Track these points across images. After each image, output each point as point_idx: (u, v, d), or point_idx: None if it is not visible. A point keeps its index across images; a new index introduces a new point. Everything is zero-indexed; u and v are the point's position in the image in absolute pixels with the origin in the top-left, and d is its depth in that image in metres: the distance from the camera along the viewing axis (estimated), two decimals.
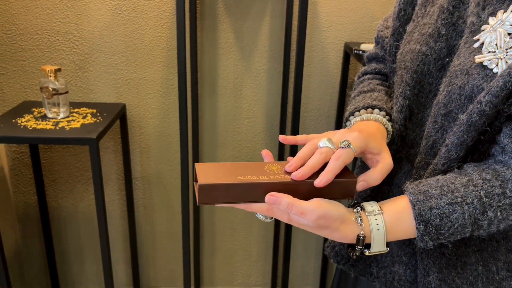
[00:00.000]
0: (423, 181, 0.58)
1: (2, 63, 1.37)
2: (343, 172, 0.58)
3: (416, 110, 0.69)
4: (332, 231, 0.56)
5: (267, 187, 0.55)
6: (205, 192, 0.55)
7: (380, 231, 0.56)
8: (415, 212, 0.55)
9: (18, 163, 1.48)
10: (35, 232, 1.57)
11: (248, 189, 0.55)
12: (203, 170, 0.58)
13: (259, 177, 0.56)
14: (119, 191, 1.54)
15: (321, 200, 0.56)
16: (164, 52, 1.39)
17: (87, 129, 1.17)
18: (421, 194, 0.56)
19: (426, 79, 0.67)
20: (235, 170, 0.57)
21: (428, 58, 0.66)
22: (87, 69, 1.40)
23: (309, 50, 1.42)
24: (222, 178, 0.56)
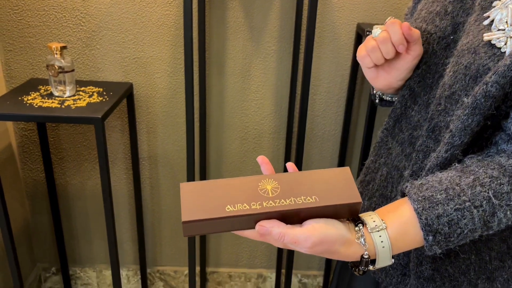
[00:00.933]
0: (424, 183, 0.54)
1: (9, 40, 1.36)
2: (347, 192, 0.53)
3: (422, 92, 0.66)
4: (332, 254, 0.52)
5: (258, 217, 0.51)
6: (190, 227, 0.50)
7: (385, 248, 0.52)
8: (422, 223, 0.51)
9: (26, 140, 1.49)
10: (44, 208, 1.59)
11: (237, 221, 0.51)
12: (188, 196, 0.52)
13: (250, 204, 0.51)
14: (126, 170, 1.54)
15: (315, 223, 0.51)
16: (172, 30, 1.37)
17: (93, 108, 1.16)
18: (426, 201, 0.51)
19: (431, 59, 0.64)
20: (223, 194, 0.52)
21: (432, 37, 0.64)
22: (94, 47, 1.38)
23: (320, 31, 1.39)
24: (209, 209, 0.50)
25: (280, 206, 0.51)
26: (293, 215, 0.51)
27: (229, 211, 0.50)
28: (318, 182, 0.53)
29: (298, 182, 0.53)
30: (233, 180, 0.53)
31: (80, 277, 1.70)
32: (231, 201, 0.51)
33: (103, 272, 1.69)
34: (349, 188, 0.53)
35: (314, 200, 0.51)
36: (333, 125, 1.51)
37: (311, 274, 1.74)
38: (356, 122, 1.51)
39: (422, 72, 0.65)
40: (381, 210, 0.55)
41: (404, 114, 0.68)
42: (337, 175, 0.54)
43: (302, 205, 0.51)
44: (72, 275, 1.69)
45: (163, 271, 1.71)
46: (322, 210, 0.51)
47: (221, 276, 1.73)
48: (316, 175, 0.54)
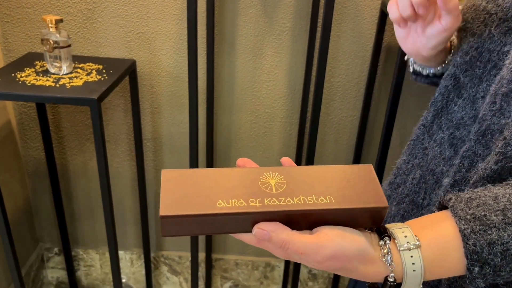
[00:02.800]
0: (475, 197, 0.43)
1: (6, 10, 1.27)
2: (370, 193, 0.42)
3: (469, 84, 0.55)
4: (348, 272, 0.42)
5: (257, 218, 0.40)
6: (170, 224, 0.40)
7: (416, 272, 0.41)
8: (469, 249, 0.40)
9: (26, 117, 1.42)
10: (45, 188, 1.53)
11: (232, 220, 0.40)
12: (171, 186, 0.41)
13: (248, 201, 0.40)
14: (130, 151, 1.47)
15: (330, 231, 0.41)
16: (179, 3, 1.26)
17: (89, 88, 1.07)
18: (476, 222, 0.40)
19: (486, 45, 0.53)
20: (215, 185, 0.41)
21: (491, 18, 0.52)
22: (95, 20, 1.28)
23: (341, 7, 1.26)
24: (195, 204, 0.40)
25: (285, 205, 0.40)
26: (300, 219, 0.41)
27: (221, 207, 0.40)
28: (334, 180, 0.43)
29: (309, 178, 0.43)
30: (228, 170, 0.43)
31: (83, 258, 1.65)
32: (224, 195, 0.41)
33: (106, 254, 1.64)
34: (372, 190, 0.43)
35: (329, 201, 0.41)
36: (351, 111, 1.40)
37: None
38: (377, 108, 1.39)
39: (471, 59, 0.55)
40: (413, 223, 0.44)
41: (445, 108, 0.58)
42: (357, 173, 0.44)
43: (313, 205, 0.41)
44: (75, 256, 1.65)
45: (168, 255, 1.65)
46: (338, 214, 0.41)
47: (227, 263, 1.66)
48: (331, 171, 0.45)
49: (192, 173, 0.43)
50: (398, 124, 1.38)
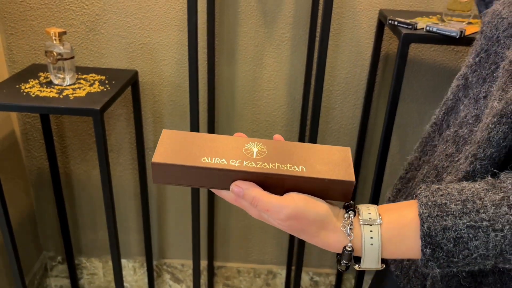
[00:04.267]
0: (443, 187, 0.46)
1: (11, 23, 1.30)
2: (341, 169, 0.47)
3: (475, 84, 0.57)
4: (309, 236, 0.46)
5: (235, 176, 0.46)
6: (158, 170, 0.46)
7: (374, 246, 0.45)
8: (423, 231, 0.43)
9: (29, 127, 1.44)
10: (49, 197, 1.55)
11: (211, 175, 0.46)
12: (167, 140, 0.48)
13: (229, 161, 0.46)
14: (132, 160, 1.49)
15: (296, 195, 0.45)
16: (179, 15, 1.28)
17: (92, 99, 1.09)
18: (435, 208, 0.43)
19: (493, 47, 0.55)
20: (204, 146, 0.48)
21: (502, 22, 0.54)
22: (98, 31, 1.30)
23: (339, 17, 1.28)
24: (183, 156, 0.46)
25: (260, 168, 0.45)
26: (274, 183, 0.46)
27: (203, 162, 0.46)
28: (311, 154, 0.49)
29: (288, 150, 0.49)
30: (219, 136, 0.50)
31: (86, 266, 1.67)
32: (210, 153, 0.47)
33: (109, 262, 1.65)
34: (344, 166, 0.47)
35: (301, 170, 0.46)
36: (351, 119, 1.41)
37: (323, 272, 1.66)
38: (376, 116, 1.41)
39: (480, 60, 0.57)
40: (383, 206, 0.48)
41: (454, 107, 0.61)
42: (334, 152, 0.50)
43: (286, 171, 0.45)
44: (78, 265, 1.66)
45: (170, 263, 1.66)
46: (308, 183, 0.46)
47: (229, 271, 1.67)
48: (311, 147, 0.50)
49: (188, 134, 0.49)
50: (397, 132, 1.40)
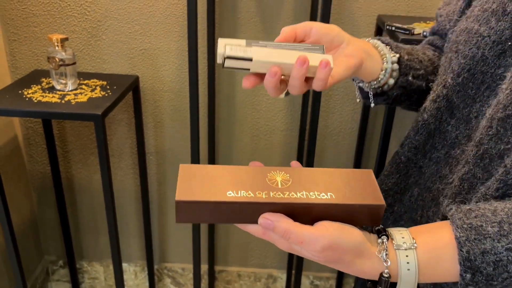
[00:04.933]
0: (474, 208, 0.45)
1: (13, 29, 1.31)
2: (369, 193, 0.46)
3: (462, 104, 0.56)
4: (345, 265, 0.44)
5: (263, 208, 0.44)
6: (183, 209, 0.44)
7: (411, 272, 0.43)
8: (462, 256, 0.42)
9: (32, 132, 1.45)
10: (51, 202, 1.56)
11: (238, 209, 0.44)
12: (187, 176, 0.46)
13: (255, 193, 0.44)
14: (133, 165, 1.50)
15: (329, 224, 0.44)
16: (180, 21, 1.30)
17: (94, 104, 1.10)
18: (472, 231, 0.42)
19: (478, 67, 0.54)
20: (226, 178, 0.46)
21: (485, 41, 0.53)
22: (100, 37, 1.32)
23: (338, 23, 1.29)
24: (208, 192, 0.44)
25: (288, 198, 0.44)
26: (303, 212, 0.44)
27: (230, 197, 0.44)
28: (335, 180, 0.47)
29: (312, 177, 0.48)
30: (239, 167, 0.48)
31: (88, 271, 1.67)
32: (234, 187, 0.45)
33: (110, 266, 1.66)
34: (371, 190, 0.46)
35: (330, 197, 0.45)
36: (350, 123, 1.42)
37: (323, 276, 1.67)
38: (375, 120, 1.42)
39: (463, 81, 0.56)
40: (413, 228, 0.47)
41: (438, 129, 0.59)
42: (358, 176, 0.49)
43: (314, 200, 0.44)
44: (80, 269, 1.67)
45: (171, 268, 1.67)
46: (337, 210, 0.44)
47: (230, 275, 1.68)
48: (334, 172, 0.49)
49: (207, 168, 0.48)
50: (395, 136, 1.41)
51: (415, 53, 0.66)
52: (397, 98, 0.67)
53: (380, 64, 0.61)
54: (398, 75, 0.63)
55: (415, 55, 0.65)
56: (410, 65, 0.64)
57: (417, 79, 0.65)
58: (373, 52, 0.61)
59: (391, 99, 0.66)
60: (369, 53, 0.60)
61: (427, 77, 0.66)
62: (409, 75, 0.64)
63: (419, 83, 0.65)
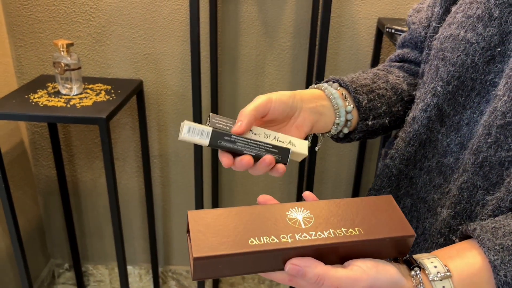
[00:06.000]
0: (499, 226, 0.43)
1: (20, 35, 1.34)
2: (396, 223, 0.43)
3: (452, 112, 0.56)
4: None
5: (290, 253, 0.40)
6: (201, 265, 0.39)
7: None
8: (500, 280, 0.40)
9: (38, 137, 1.47)
10: (57, 205, 1.58)
11: (263, 258, 0.40)
12: (199, 226, 0.41)
13: (279, 237, 0.40)
14: (138, 168, 1.52)
15: (363, 263, 0.41)
16: (183, 26, 1.32)
17: (98, 108, 1.12)
18: (504, 252, 0.41)
19: (468, 74, 0.54)
20: (243, 223, 0.41)
21: (473, 48, 0.53)
22: (104, 43, 1.34)
23: (338, 26, 1.31)
24: (227, 242, 0.39)
25: (316, 239, 0.40)
26: (331, 252, 0.41)
27: (254, 245, 0.39)
28: (358, 211, 0.44)
29: (333, 211, 0.44)
30: (253, 208, 0.43)
31: (93, 274, 1.69)
32: (255, 232, 0.40)
33: (115, 269, 1.67)
34: (397, 219, 0.43)
35: (358, 232, 0.42)
36: None
37: None
38: None
39: (453, 89, 0.55)
40: (440, 253, 0.44)
41: (429, 138, 0.58)
42: (379, 204, 0.45)
43: (344, 238, 0.41)
44: (85, 272, 1.68)
45: (175, 270, 1.68)
46: (367, 245, 0.42)
47: (234, 278, 1.69)
48: (354, 203, 0.46)
49: (217, 212, 0.42)
50: None
51: (376, 87, 0.63)
52: (362, 138, 0.66)
53: (333, 119, 0.60)
54: (357, 121, 0.62)
55: (376, 91, 0.63)
56: (370, 106, 0.62)
57: (378, 118, 0.63)
58: (325, 110, 0.59)
59: (355, 140, 0.65)
60: (321, 113, 0.58)
61: (391, 110, 0.64)
62: (368, 119, 0.62)
63: (381, 121, 0.63)
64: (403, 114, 0.66)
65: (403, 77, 0.67)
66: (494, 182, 0.51)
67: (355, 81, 0.62)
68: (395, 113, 0.65)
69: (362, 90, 0.61)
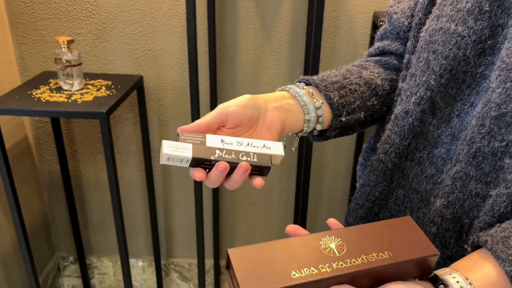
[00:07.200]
0: (508, 234, 0.46)
1: (23, 33, 1.37)
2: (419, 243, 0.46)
3: (443, 104, 0.57)
4: None
5: (329, 282, 0.43)
6: None
7: None
8: None
9: (41, 132, 1.50)
10: (61, 199, 1.61)
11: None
12: (243, 263, 0.43)
13: (318, 268, 0.43)
14: (139, 162, 1.54)
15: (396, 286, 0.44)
16: (182, 21, 1.34)
17: (99, 103, 1.15)
18: None
19: (460, 67, 0.55)
20: (282, 257, 0.44)
21: (465, 41, 0.54)
22: (105, 39, 1.37)
23: (335, 20, 1.32)
24: (272, 277, 0.42)
25: (351, 266, 0.44)
26: (365, 276, 0.44)
27: (296, 278, 0.42)
28: (384, 235, 0.48)
29: (362, 237, 0.47)
30: (288, 241, 0.46)
31: (97, 266, 1.72)
32: (295, 266, 0.43)
33: (118, 262, 1.71)
34: (420, 239, 0.47)
35: (388, 256, 0.45)
36: None
37: None
38: None
39: (445, 81, 0.56)
40: (459, 266, 0.47)
41: (421, 130, 0.60)
42: (401, 226, 0.49)
43: (376, 263, 0.44)
44: (89, 265, 1.72)
45: (178, 263, 1.71)
46: (397, 267, 0.45)
47: None
48: (378, 227, 0.49)
49: (256, 248, 0.45)
50: None
51: (348, 83, 0.63)
52: (339, 135, 0.66)
53: (302, 116, 0.59)
54: (330, 118, 0.62)
55: (348, 86, 0.63)
56: (343, 102, 0.61)
57: (353, 113, 0.63)
58: (292, 107, 0.58)
59: (332, 137, 0.65)
60: (288, 110, 0.58)
61: (366, 105, 0.64)
62: (342, 116, 0.61)
63: (356, 116, 0.63)
64: (379, 108, 0.66)
65: (378, 72, 0.67)
66: (487, 172, 0.52)
67: (325, 79, 0.63)
68: (371, 107, 0.65)
69: (333, 87, 0.61)
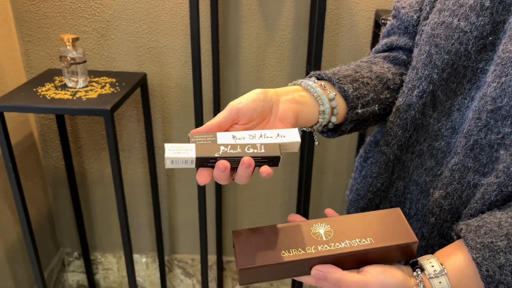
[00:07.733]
0: (482, 224, 0.49)
1: (28, 30, 1.38)
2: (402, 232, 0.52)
3: (444, 97, 0.59)
4: None
5: (314, 261, 0.50)
6: (246, 275, 0.50)
7: None
8: (483, 274, 0.47)
9: (46, 129, 1.52)
10: (65, 195, 1.63)
11: (293, 267, 0.50)
12: (242, 243, 0.52)
13: (305, 249, 0.50)
14: (143, 159, 1.56)
15: (373, 269, 0.49)
16: (185, 19, 1.35)
17: (103, 100, 1.16)
18: (485, 249, 0.47)
19: (461, 61, 0.56)
20: (276, 240, 0.52)
21: (467, 36, 0.55)
22: (109, 37, 1.38)
23: (337, 18, 1.33)
24: (265, 256, 0.50)
25: (335, 249, 0.50)
26: (348, 259, 0.50)
27: (285, 257, 0.49)
28: (370, 224, 0.53)
29: (350, 225, 0.53)
30: (285, 226, 0.54)
31: (101, 262, 1.74)
32: (286, 246, 0.51)
33: (122, 258, 1.72)
34: (403, 229, 0.52)
35: (370, 242, 0.51)
36: None
37: None
38: None
39: (447, 76, 0.58)
40: (439, 253, 0.52)
41: (422, 123, 0.61)
42: (388, 216, 0.54)
43: (357, 247, 0.50)
44: (94, 260, 1.74)
45: (181, 258, 1.73)
46: (377, 252, 0.50)
47: None
48: (367, 217, 0.55)
49: (256, 231, 0.54)
50: None
51: (359, 76, 0.63)
52: (355, 129, 0.65)
53: (317, 107, 0.58)
54: (345, 110, 0.61)
55: (360, 79, 0.63)
56: (357, 95, 0.61)
57: (367, 106, 0.62)
58: (305, 99, 0.58)
59: (347, 132, 0.64)
60: (301, 102, 0.57)
61: (379, 97, 0.64)
62: (358, 108, 0.61)
63: (371, 109, 0.63)
64: (392, 101, 0.67)
65: (388, 67, 0.68)
66: (484, 163, 0.54)
67: (337, 73, 0.63)
68: (384, 100, 0.65)
69: (346, 80, 0.61)
